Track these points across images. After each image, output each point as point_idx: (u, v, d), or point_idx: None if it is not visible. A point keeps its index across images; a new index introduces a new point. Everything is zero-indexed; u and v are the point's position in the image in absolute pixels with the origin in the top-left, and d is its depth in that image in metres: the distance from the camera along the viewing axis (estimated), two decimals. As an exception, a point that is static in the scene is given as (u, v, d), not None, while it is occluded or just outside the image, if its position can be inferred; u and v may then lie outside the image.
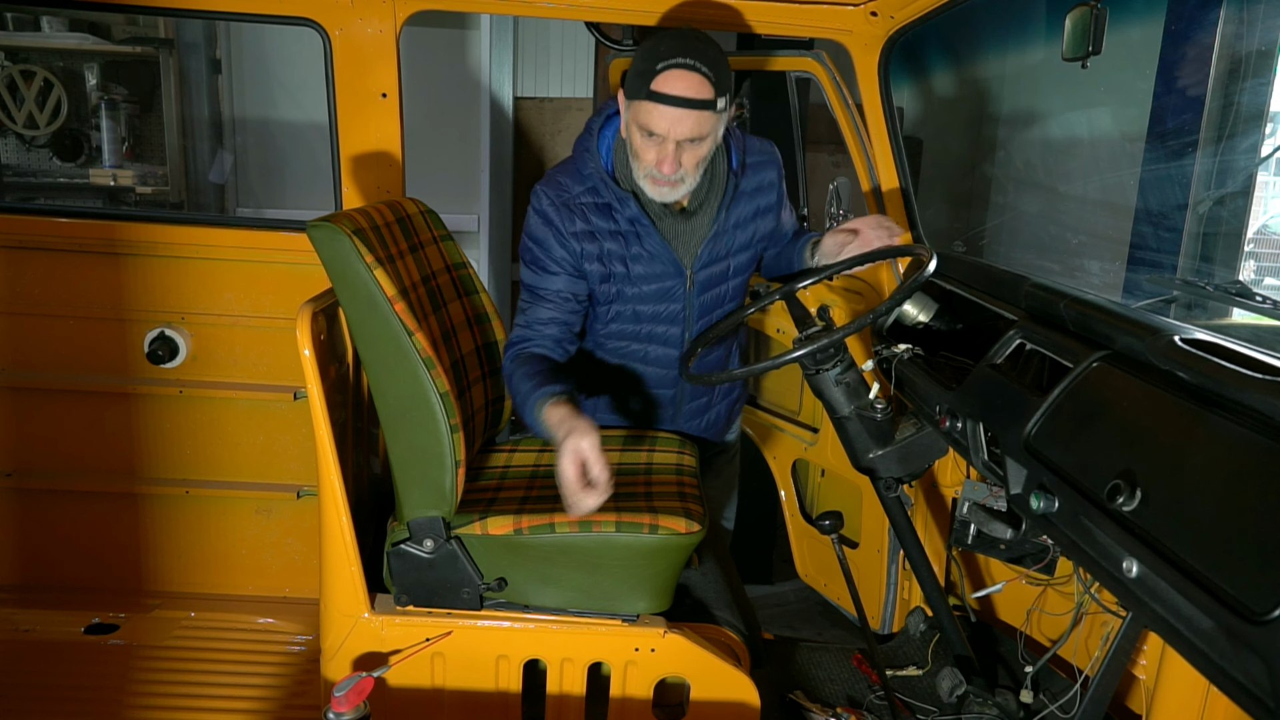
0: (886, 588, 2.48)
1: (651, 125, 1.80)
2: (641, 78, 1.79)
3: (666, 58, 1.77)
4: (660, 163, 1.84)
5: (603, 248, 1.98)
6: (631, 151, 1.90)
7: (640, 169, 1.89)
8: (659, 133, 1.81)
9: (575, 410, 1.74)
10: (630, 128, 1.87)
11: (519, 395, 1.88)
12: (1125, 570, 1.19)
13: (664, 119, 1.79)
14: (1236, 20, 3.01)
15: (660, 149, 1.83)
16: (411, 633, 1.82)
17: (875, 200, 2.45)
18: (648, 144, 1.84)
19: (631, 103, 1.83)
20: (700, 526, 1.80)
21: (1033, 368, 1.69)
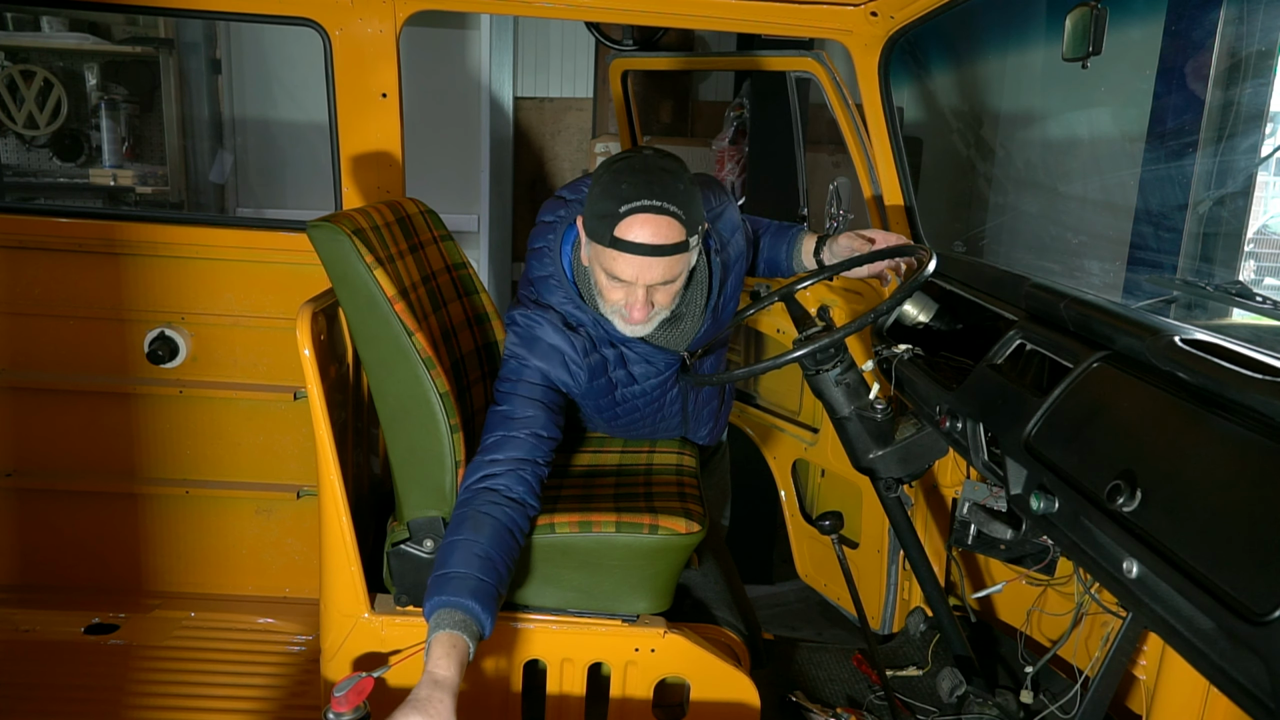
0: (886, 588, 2.48)
1: (617, 272, 1.68)
2: (604, 221, 1.64)
3: (630, 199, 1.62)
4: (630, 307, 1.72)
5: (607, 360, 1.87)
6: (595, 288, 1.76)
7: (606, 306, 1.77)
8: (626, 280, 1.69)
9: (455, 665, 1.48)
10: (593, 264, 1.73)
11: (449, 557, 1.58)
12: (1125, 570, 1.19)
13: (630, 267, 1.66)
14: (1236, 20, 3.01)
15: (629, 293, 1.71)
16: (411, 633, 1.82)
17: (875, 201, 2.45)
18: (614, 285, 1.71)
19: (592, 244, 1.69)
20: (700, 527, 1.80)
21: (1033, 368, 1.69)
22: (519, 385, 1.80)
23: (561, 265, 1.85)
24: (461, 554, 1.57)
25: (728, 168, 4.01)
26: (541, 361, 1.81)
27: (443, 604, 1.53)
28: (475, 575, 1.55)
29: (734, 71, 4.14)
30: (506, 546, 1.62)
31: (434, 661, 1.48)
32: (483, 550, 1.58)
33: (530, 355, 1.82)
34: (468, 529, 1.61)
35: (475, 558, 1.57)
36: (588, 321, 1.84)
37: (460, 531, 1.61)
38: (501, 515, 1.64)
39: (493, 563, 1.58)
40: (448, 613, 1.52)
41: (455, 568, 1.56)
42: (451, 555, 1.58)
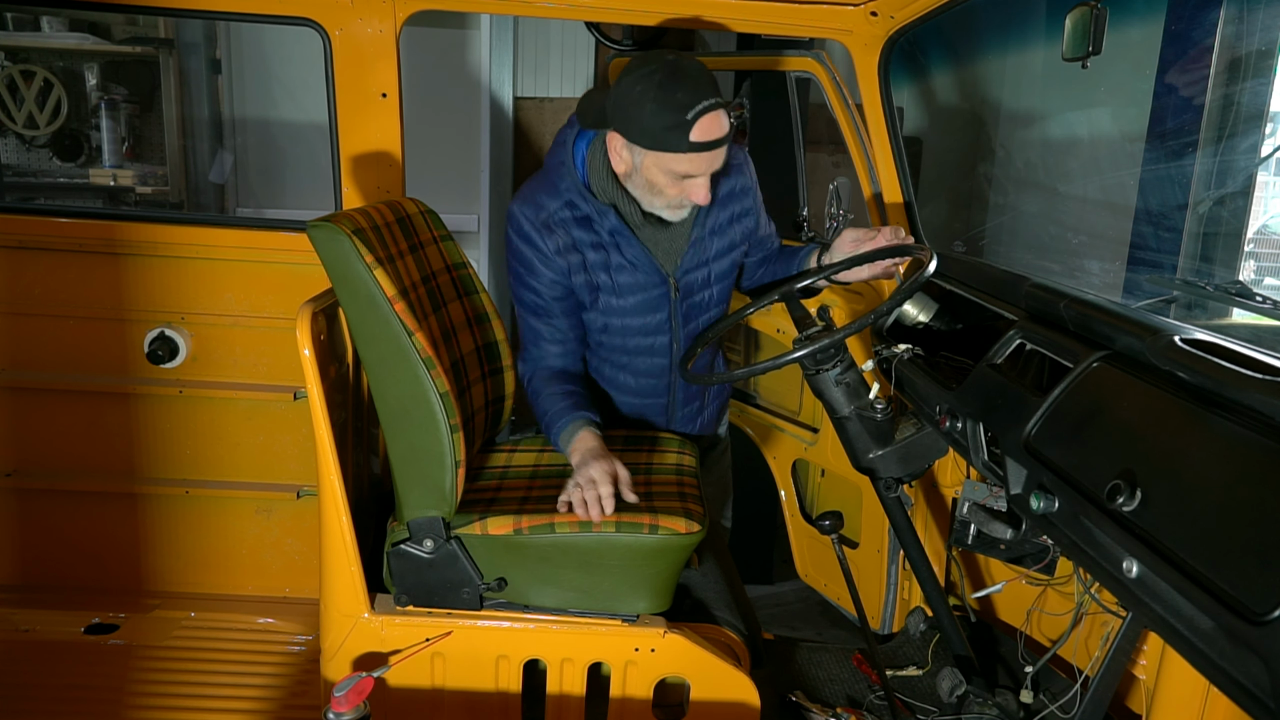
0: (886, 588, 2.48)
1: (691, 171, 1.85)
2: (673, 131, 1.79)
3: (691, 105, 1.78)
4: (696, 196, 1.90)
5: (586, 259, 2.00)
6: (649, 188, 1.92)
7: (663, 201, 1.93)
8: (698, 175, 1.87)
9: (600, 442, 1.89)
10: (649, 170, 1.87)
11: (548, 414, 1.98)
12: (1125, 570, 1.19)
13: (703, 163, 1.84)
14: (1236, 20, 3.01)
15: (695, 186, 1.89)
16: (411, 633, 1.82)
17: (875, 200, 2.45)
18: (678, 184, 1.88)
19: (659, 153, 1.83)
20: (700, 527, 1.80)
21: (1033, 368, 1.69)
22: (523, 284, 2.04)
23: (573, 162, 1.99)
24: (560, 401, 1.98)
25: (728, 168, 4.00)
26: (523, 269, 2.02)
27: (572, 420, 1.94)
28: (581, 403, 1.99)
29: (734, 71, 4.14)
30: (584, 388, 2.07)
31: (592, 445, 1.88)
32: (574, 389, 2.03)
33: (516, 252, 2.02)
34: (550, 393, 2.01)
35: (571, 394, 2.00)
36: (591, 212, 1.99)
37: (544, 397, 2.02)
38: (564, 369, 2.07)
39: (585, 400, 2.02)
40: (578, 424, 1.93)
41: (561, 405, 1.97)
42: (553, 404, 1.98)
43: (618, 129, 1.86)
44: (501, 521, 1.79)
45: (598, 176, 1.97)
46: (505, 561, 1.81)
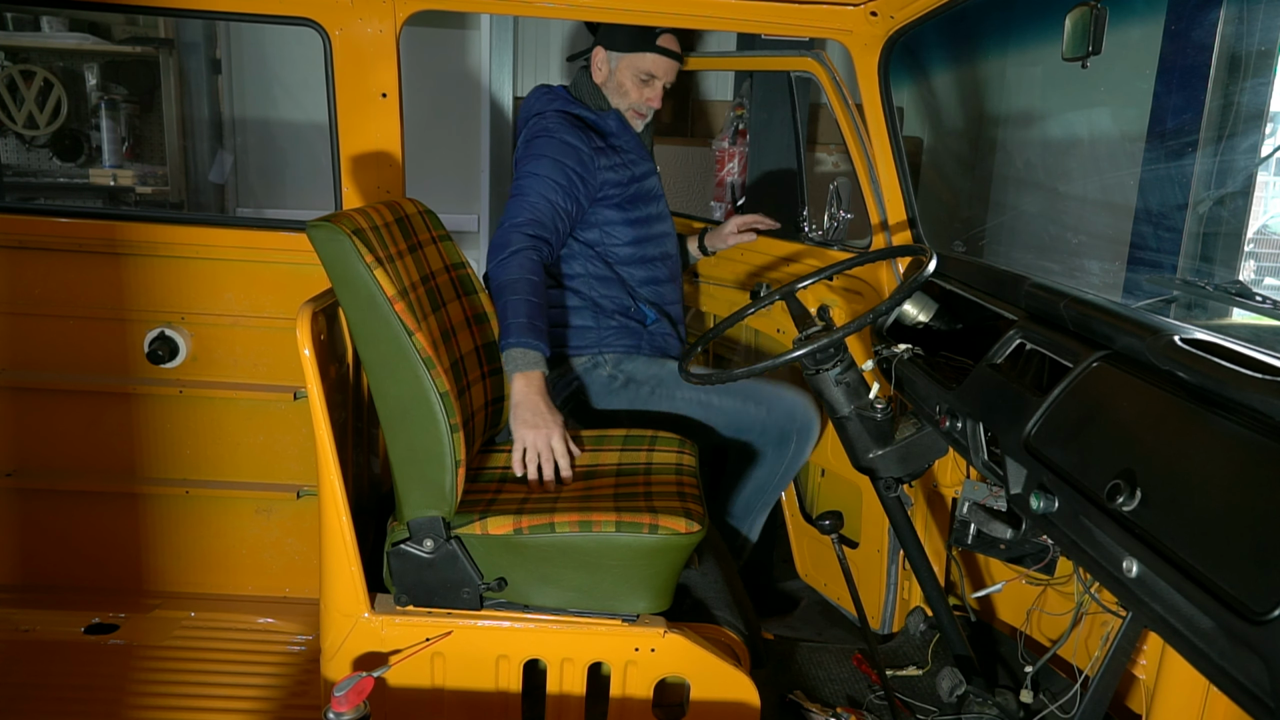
0: (886, 588, 2.48)
1: (654, 71, 2.44)
2: (643, 36, 2.40)
3: (660, 29, 2.41)
4: (651, 100, 2.47)
5: (611, 159, 2.41)
6: (618, 90, 2.46)
7: (625, 103, 2.47)
8: (658, 77, 2.45)
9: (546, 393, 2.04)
10: (622, 72, 2.44)
11: (514, 307, 2.08)
12: (1125, 570, 1.19)
13: (661, 67, 2.44)
14: (1236, 20, 3.01)
15: (653, 89, 2.47)
16: (411, 633, 1.82)
17: (875, 200, 2.45)
18: (642, 85, 2.45)
19: (629, 54, 2.42)
20: (700, 526, 1.80)
21: (1033, 368, 1.69)
22: (539, 180, 2.29)
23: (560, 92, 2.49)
24: (528, 305, 2.09)
25: (728, 168, 4.01)
26: (558, 154, 2.32)
27: (530, 342, 2.05)
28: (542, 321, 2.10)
29: (734, 71, 4.14)
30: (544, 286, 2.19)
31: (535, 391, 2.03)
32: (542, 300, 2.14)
33: (551, 151, 2.32)
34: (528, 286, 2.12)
35: (539, 307, 2.11)
36: (591, 117, 2.46)
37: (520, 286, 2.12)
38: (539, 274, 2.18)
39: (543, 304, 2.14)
40: (531, 351, 2.06)
41: (528, 309, 2.08)
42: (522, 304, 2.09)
43: (600, 43, 2.45)
44: (501, 521, 1.79)
45: (585, 93, 2.48)
46: (505, 561, 1.81)
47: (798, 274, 2.67)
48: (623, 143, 2.47)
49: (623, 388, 2.40)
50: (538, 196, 2.27)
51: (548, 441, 1.99)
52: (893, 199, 2.42)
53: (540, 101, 2.47)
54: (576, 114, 2.42)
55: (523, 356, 2.04)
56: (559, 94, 2.48)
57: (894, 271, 2.42)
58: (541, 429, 1.99)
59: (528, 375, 2.03)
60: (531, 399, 2.01)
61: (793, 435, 2.36)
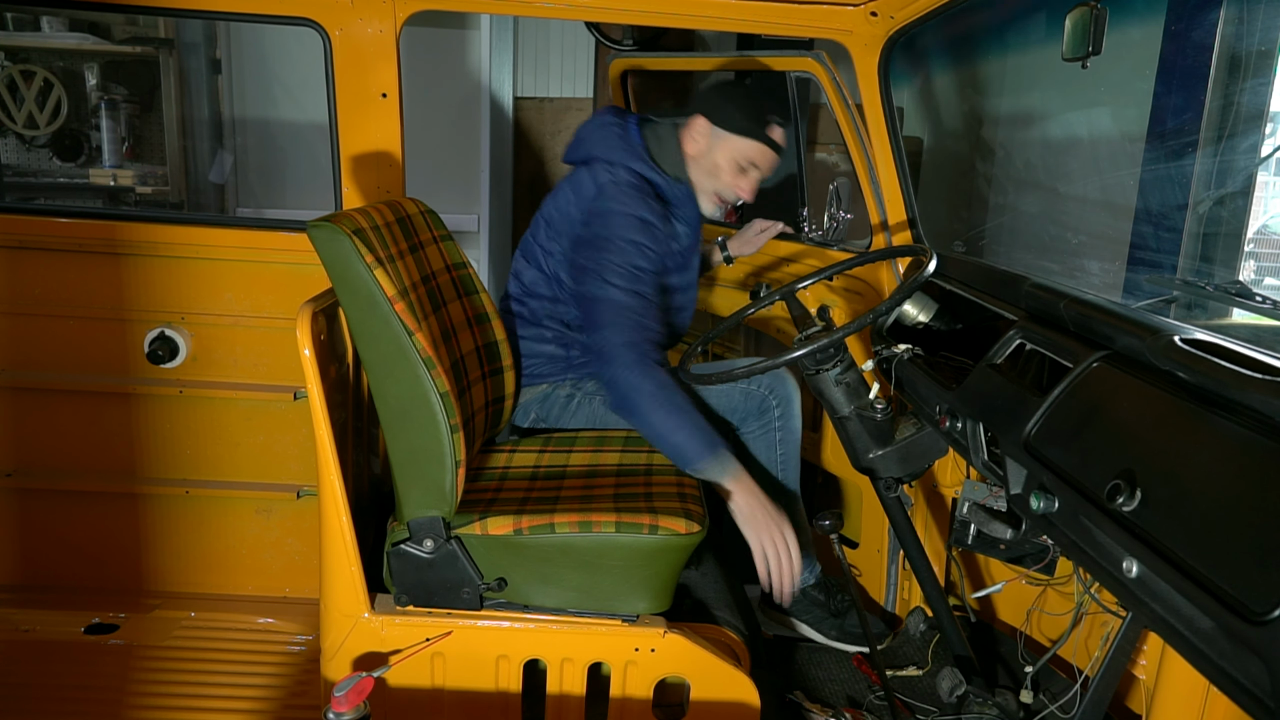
0: (886, 588, 2.48)
1: (757, 162, 2.21)
2: (754, 121, 2.17)
3: (774, 112, 2.20)
4: (743, 190, 2.24)
5: (674, 230, 2.25)
6: (710, 170, 2.23)
7: (712, 185, 2.25)
8: (760, 169, 2.23)
9: (758, 488, 1.95)
10: (721, 153, 2.20)
11: (676, 424, 1.95)
12: (1125, 570, 1.19)
13: (767, 160, 2.22)
14: (1236, 20, 3.00)
15: (749, 181, 2.23)
16: (411, 633, 1.82)
17: (875, 200, 2.45)
18: (738, 172, 2.22)
19: (736, 136, 2.18)
20: (700, 527, 1.80)
21: (1033, 368, 1.69)
22: (629, 274, 2.08)
23: (635, 142, 2.24)
24: (696, 415, 1.99)
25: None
26: (640, 237, 2.10)
27: (721, 448, 1.97)
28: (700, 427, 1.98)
29: (734, 71, 4.14)
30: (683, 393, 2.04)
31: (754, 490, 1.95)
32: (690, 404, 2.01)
33: (632, 234, 2.10)
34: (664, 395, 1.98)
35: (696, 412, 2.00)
36: (661, 183, 2.24)
37: (678, 397, 1.99)
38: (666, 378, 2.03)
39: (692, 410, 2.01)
40: (727, 456, 1.96)
41: (698, 418, 1.99)
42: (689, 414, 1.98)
43: (704, 113, 2.20)
44: (501, 522, 1.79)
45: (666, 156, 2.25)
46: (505, 561, 1.81)
47: (798, 274, 2.67)
48: (683, 215, 2.29)
49: (580, 405, 2.32)
50: (631, 296, 2.07)
51: (782, 538, 1.93)
52: (893, 199, 2.42)
53: (608, 144, 2.23)
54: (646, 177, 2.21)
55: (717, 463, 1.95)
56: (634, 143, 2.23)
57: (894, 272, 2.43)
58: (774, 527, 1.92)
59: (735, 478, 1.94)
60: (751, 501, 1.93)
61: (771, 402, 2.28)
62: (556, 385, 2.33)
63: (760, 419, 2.30)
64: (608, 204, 2.13)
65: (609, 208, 2.12)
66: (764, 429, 2.30)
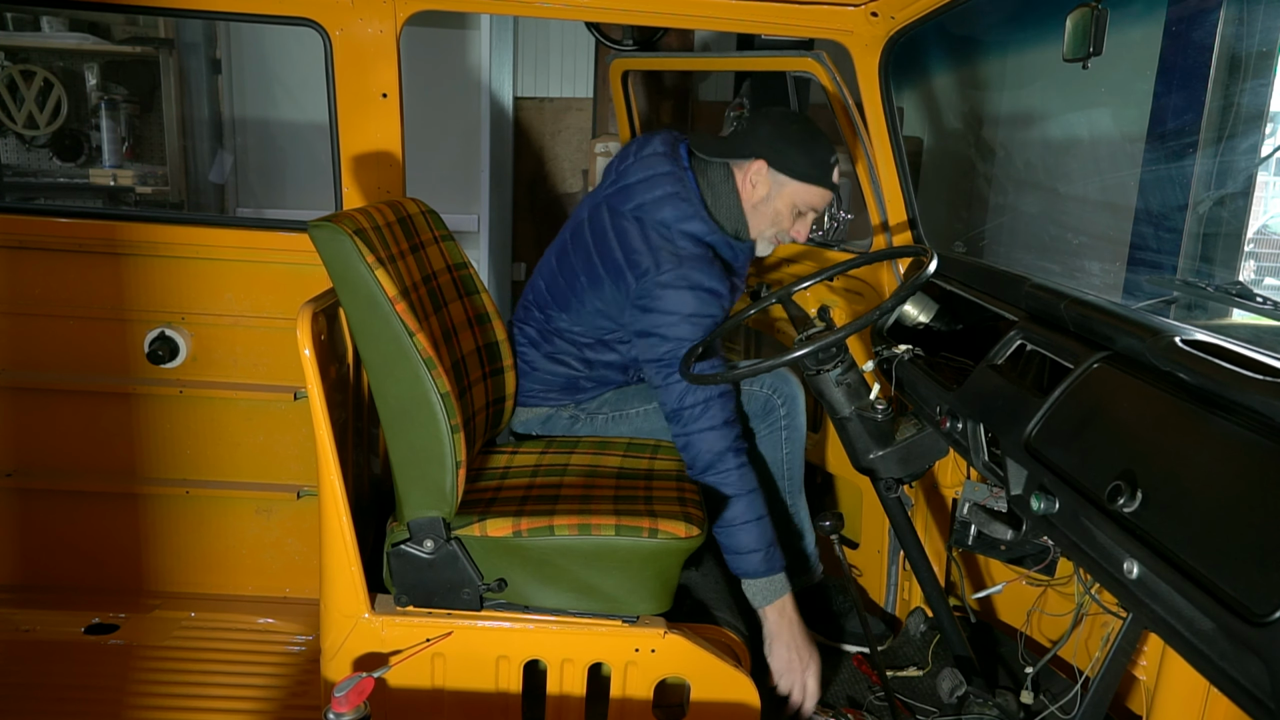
0: (886, 588, 2.48)
1: (816, 205, 2.14)
2: (819, 168, 2.10)
3: (831, 155, 2.12)
4: (798, 234, 2.18)
5: (732, 285, 2.15)
6: (770, 215, 2.15)
7: (771, 230, 2.17)
8: (817, 212, 2.17)
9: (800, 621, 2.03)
10: (783, 199, 2.12)
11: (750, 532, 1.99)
12: (1125, 571, 1.19)
13: (825, 203, 2.16)
14: (1236, 20, 3.00)
15: (804, 223, 2.18)
16: (411, 633, 1.82)
17: (875, 201, 2.45)
18: (797, 216, 2.16)
19: (799, 183, 2.10)
20: (700, 531, 1.80)
21: (1033, 368, 1.69)
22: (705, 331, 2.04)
23: (696, 200, 2.12)
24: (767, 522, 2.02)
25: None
26: (709, 307, 2.04)
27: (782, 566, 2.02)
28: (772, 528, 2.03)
29: (734, 71, 4.14)
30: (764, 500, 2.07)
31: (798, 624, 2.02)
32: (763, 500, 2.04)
33: (704, 308, 2.03)
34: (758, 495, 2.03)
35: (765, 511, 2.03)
36: (720, 244, 2.15)
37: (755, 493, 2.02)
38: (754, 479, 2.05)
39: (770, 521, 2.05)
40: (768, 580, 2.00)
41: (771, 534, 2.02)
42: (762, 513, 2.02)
43: (767, 158, 2.10)
44: (500, 523, 1.79)
45: (723, 207, 2.15)
46: (505, 562, 1.81)
47: (798, 274, 2.67)
48: (739, 270, 2.22)
49: (582, 425, 2.32)
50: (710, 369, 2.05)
51: (804, 680, 2.01)
52: (893, 199, 2.42)
53: (669, 203, 2.09)
54: (709, 242, 2.11)
55: (769, 585, 2.00)
56: (691, 197, 2.10)
57: (894, 272, 2.42)
58: (799, 669, 2.01)
59: (780, 605, 2.00)
60: (787, 633, 2.01)
61: (776, 401, 2.25)
62: (560, 408, 2.31)
63: (766, 420, 2.28)
64: (676, 276, 2.02)
65: (677, 281, 2.02)
66: (770, 429, 2.29)
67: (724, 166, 2.15)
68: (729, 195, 2.14)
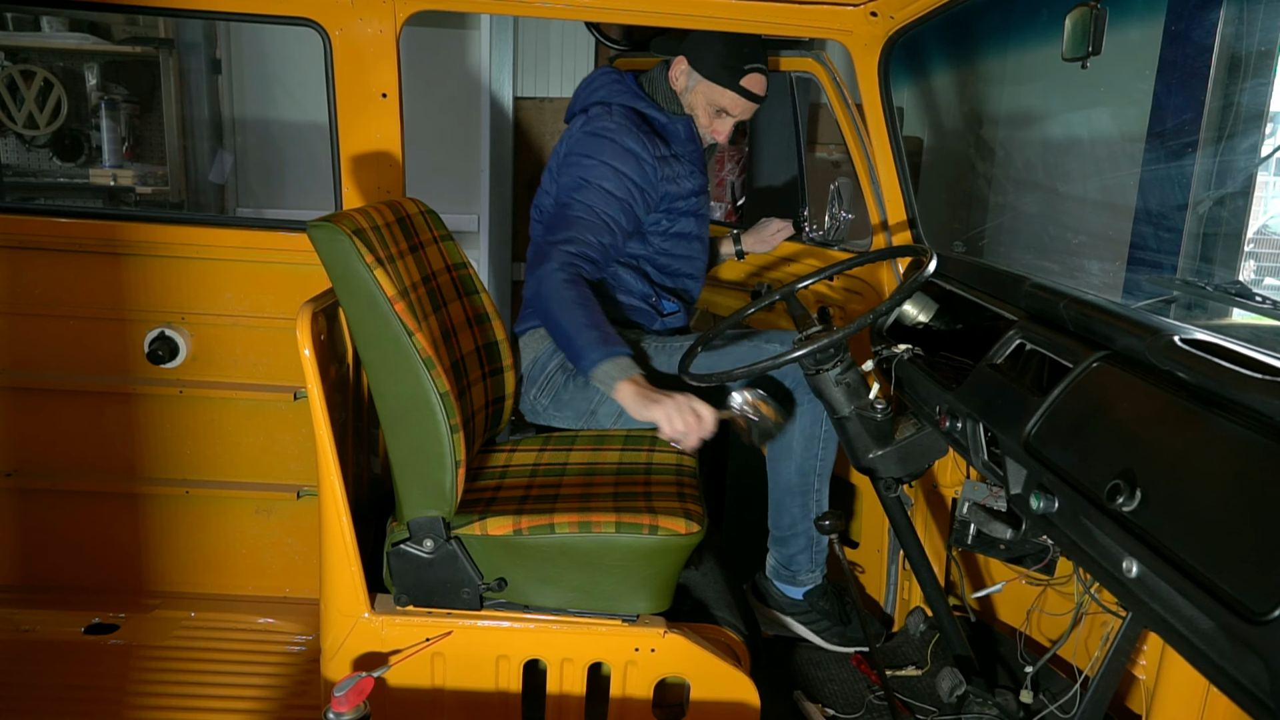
0: (886, 588, 2.48)
1: (729, 108, 2.30)
2: (729, 70, 2.24)
3: (751, 60, 2.26)
4: (716, 132, 2.33)
5: (673, 169, 2.28)
6: (687, 109, 2.32)
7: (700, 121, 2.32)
8: (731, 114, 2.31)
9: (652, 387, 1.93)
10: (697, 94, 2.30)
11: (578, 323, 1.97)
12: (1125, 570, 1.19)
13: (738, 107, 2.30)
14: (1236, 20, 3.01)
15: (723, 124, 2.33)
16: (411, 633, 1.82)
17: (875, 200, 2.45)
18: (711, 116, 2.31)
19: (711, 83, 2.27)
20: (700, 527, 1.80)
21: (1033, 368, 1.69)
22: (592, 191, 2.14)
23: (632, 84, 2.33)
24: (596, 318, 1.99)
25: (728, 168, 4.02)
26: (619, 162, 2.16)
27: (615, 352, 1.96)
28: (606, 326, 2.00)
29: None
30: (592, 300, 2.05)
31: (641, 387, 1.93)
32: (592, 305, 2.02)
33: (609, 158, 2.16)
34: (587, 299, 2.02)
35: (603, 319, 2.01)
36: (661, 119, 2.30)
37: (577, 303, 2.00)
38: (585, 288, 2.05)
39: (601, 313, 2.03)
40: (620, 359, 1.95)
41: (599, 322, 1.99)
42: (589, 317, 1.99)
43: (685, 54, 2.29)
44: (501, 522, 1.79)
45: (661, 94, 2.34)
46: (505, 562, 1.81)
47: (798, 274, 2.67)
48: (685, 153, 2.35)
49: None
50: (586, 210, 2.12)
51: (687, 411, 1.86)
52: (893, 199, 2.42)
53: (607, 88, 2.31)
54: (645, 113, 2.28)
55: (613, 367, 1.94)
56: (629, 85, 2.32)
57: (894, 272, 2.43)
58: (675, 408, 1.86)
59: (633, 380, 1.93)
60: (648, 394, 1.90)
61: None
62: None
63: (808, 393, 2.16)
64: (596, 128, 2.20)
65: (596, 131, 2.19)
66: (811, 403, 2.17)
67: (663, 65, 2.35)
68: (664, 85, 2.34)
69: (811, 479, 2.23)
